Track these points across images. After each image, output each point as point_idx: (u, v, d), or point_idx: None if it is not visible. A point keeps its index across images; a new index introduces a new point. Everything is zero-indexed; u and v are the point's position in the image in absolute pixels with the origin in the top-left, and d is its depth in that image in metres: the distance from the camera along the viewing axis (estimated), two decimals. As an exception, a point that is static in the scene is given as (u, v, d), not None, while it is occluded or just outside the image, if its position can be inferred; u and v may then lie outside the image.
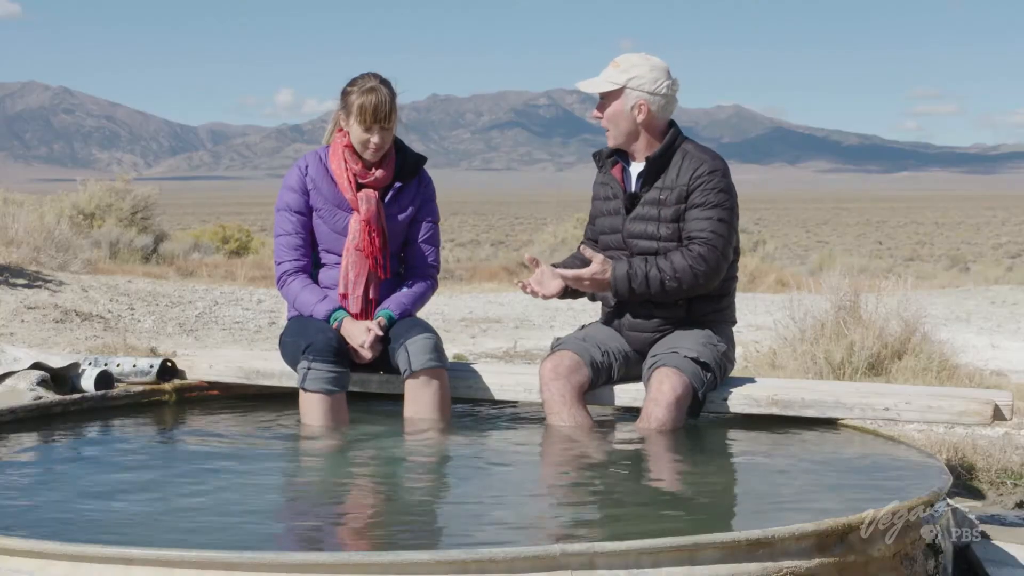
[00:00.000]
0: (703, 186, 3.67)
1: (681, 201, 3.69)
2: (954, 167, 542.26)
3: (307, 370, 3.71)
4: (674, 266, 3.63)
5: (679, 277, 3.63)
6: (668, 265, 3.63)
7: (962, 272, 26.75)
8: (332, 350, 3.71)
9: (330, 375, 3.70)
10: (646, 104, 3.73)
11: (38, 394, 3.96)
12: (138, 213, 18.75)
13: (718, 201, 3.68)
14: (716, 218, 3.66)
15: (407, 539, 2.59)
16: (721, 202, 3.68)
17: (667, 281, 3.63)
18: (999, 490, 4.12)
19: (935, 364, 6.17)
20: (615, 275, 3.66)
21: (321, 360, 3.69)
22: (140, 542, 2.27)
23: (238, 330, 9.39)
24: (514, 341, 8.93)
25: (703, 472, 3.27)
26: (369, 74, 3.86)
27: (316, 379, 3.70)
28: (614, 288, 3.69)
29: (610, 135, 3.81)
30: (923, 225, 61.57)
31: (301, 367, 3.73)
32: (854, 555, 2.36)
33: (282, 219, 3.93)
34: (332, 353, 3.71)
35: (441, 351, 3.80)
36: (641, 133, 3.77)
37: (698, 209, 3.67)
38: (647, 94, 3.73)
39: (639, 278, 3.64)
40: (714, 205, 3.67)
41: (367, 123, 3.80)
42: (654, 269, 3.64)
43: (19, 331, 7.95)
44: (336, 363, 3.71)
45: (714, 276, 3.68)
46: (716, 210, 3.67)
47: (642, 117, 3.74)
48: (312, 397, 3.71)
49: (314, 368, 3.70)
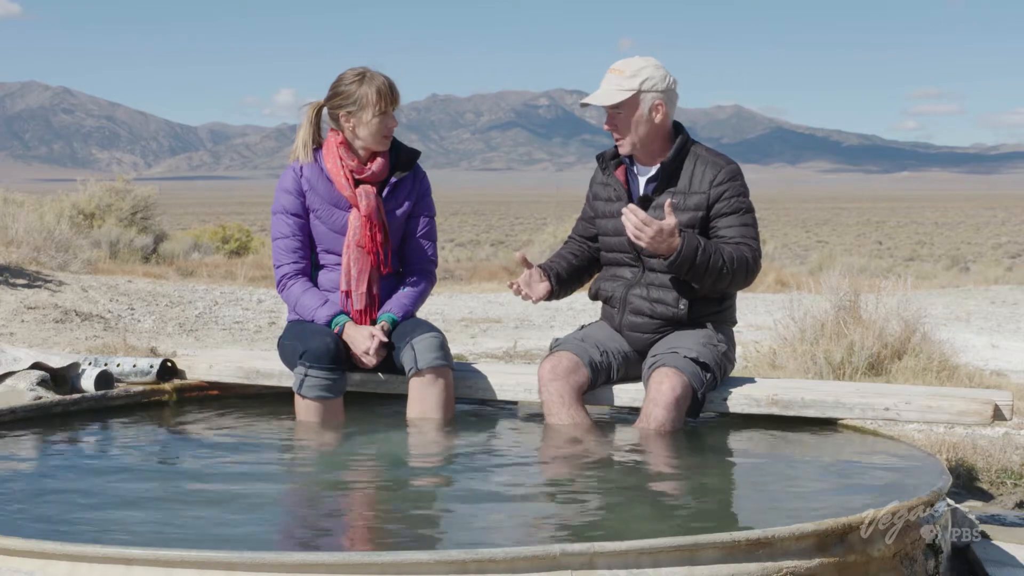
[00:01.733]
0: (728, 193, 3.70)
1: (700, 208, 3.69)
2: (954, 167, 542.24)
3: (304, 376, 3.70)
4: (733, 255, 3.64)
5: (735, 268, 3.63)
6: (730, 253, 3.63)
7: (962, 272, 26.76)
8: (329, 356, 3.70)
9: (326, 382, 3.70)
10: (662, 103, 3.72)
11: (38, 394, 3.96)
12: (138, 213, 18.76)
13: (746, 207, 3.73)
14: (749, 223, 3.72)
15: (407, 539, 2.59)
16: (748, 207, 3.74)
17: (725, 268, 3.61)
18: (999, 490, 4.12)
19: (935, 364, 6.17)
20: (687, 240, 3.56)
21: (318, 367, 3.69)
22: (140, 542, 2.27)
23: (238, 330, 9.39)
24: (514, 341, 8.93)
25: (703, 472, 3.27)
26: (346, 71, 3.86)
27: (312, 386, 3.70)
28: (679, 250, 3.55)
29: (626, 143, 3.76)
30: (923, 225, 61.57)
31: (298, 372, 3.72)
32: (854, 555, 2.36)
33: (279, 222, 3.92)
34: (329, 360, 3.70)
35: (447, 350, 3.80)
36: (657, 136, 3.77)
37: (732, 216, 3.70)
38: (661, 93, 3.71)
39: (707, 253, 3.57)
40: (745, 211, 3.72)
41: (384, 106, 3.79)
42: (718, 254, 3.60)
43: (19, 331, 7.95)
44: (332, 370, 3.71)
45: (755, 276, 3.74)
46: (747, 216, 3.73)
47: (660, 118, 3.73)
48: (308, 403, 3.71)
49: (311, 375, 3.69)
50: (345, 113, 3.84)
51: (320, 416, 3.71)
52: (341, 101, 3.83)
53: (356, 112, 3.82)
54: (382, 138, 3.85)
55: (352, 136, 3.87)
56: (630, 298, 3.81)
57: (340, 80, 3.84)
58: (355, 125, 3.84)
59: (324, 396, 3.70)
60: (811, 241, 45.88)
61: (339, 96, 3.83)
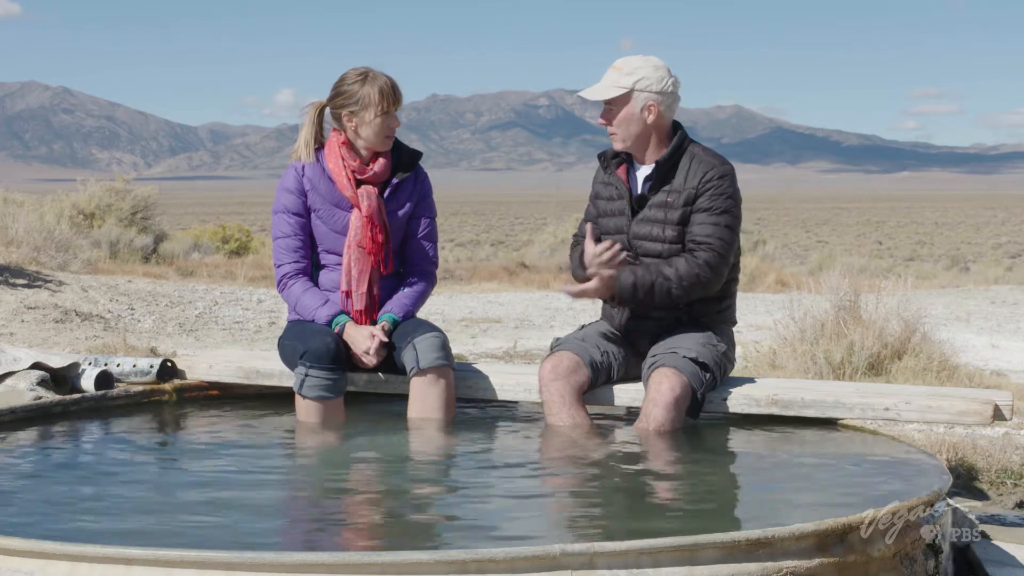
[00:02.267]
0: (712, 191, 3.67)
1: (688, 204, 3.69)
2: (954, 167, 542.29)
3: (304, 376, 3.70)
4: (679, 273, 3.63)
5: (684, 285, 3.63)
6: (673, 272, 3.64)
7: (962, 272, 26.75)
8: (330, 356, 3.70)
9: (327, 382, 3.70)
10: (655, 104, 3.72)
11: (38, 394, 3.96)
12: (138, 213, 18.76)
13: (726, 207, 3.68)
14: (723, 224, 3.67)
15: (407, 539, 2.59)
16: (729, 208, 3.69)
17: (673, 289, 3.64)
18: (999, 490, 4.12)
19: (935, 364, 6.17)
20: (620, 286, 3.65)
21: (319, 367, 3.69)
22: (140, 542, 2.27)
23: (238, 330, 9.39)
24: (514, 341, 8.93)
25: (703, 472, 3.26)
26: (349, 71, 3.86)
27: (313, 386, 3.70)
28: (619, 299, 3.70)
29: (618, 139, 3.78)
30: (923, 225, 61.56)
31: (298, 372, 3.72)
32: (854, 555, 2.36)
33: (280, 221, 3.92)
34: (330, 360, 3.70)
35: (448, 350, 3.80)
36: (651, 135, 3.77)
37: (705, 214, 3.67)
38: (655, 94, 3.72)
39: (644, 288, 3.64)
40: (722, 211, 3.67)
41: (387, 105, 3.79)
42: (660, 278, 3.63)
43: (19, 331, 7.95)
44: (333, 370, 3.71)
45: (717, 281, 3.69)
46: (724, 216, 3.68)
47: (652, 118, 3.73)
48: (309, 403, 3.72)
49: (311, 375, 3.69)
50: (348, 113, 3.84)
51: (320, 416, 3.72)
52: (344, 100, 3.83)
53: (359, 111, 3.82)
54: (384, 138, 3.85)
55: (354, 136, 3.87)
56: (630, 298, 3.81)
57: (343, 80, 3.85)
58: (357, 124, 3.84)
59: (324, 396, 3.70)
60: (811, 241, 45.88)
61: (342, 95, 3.84)
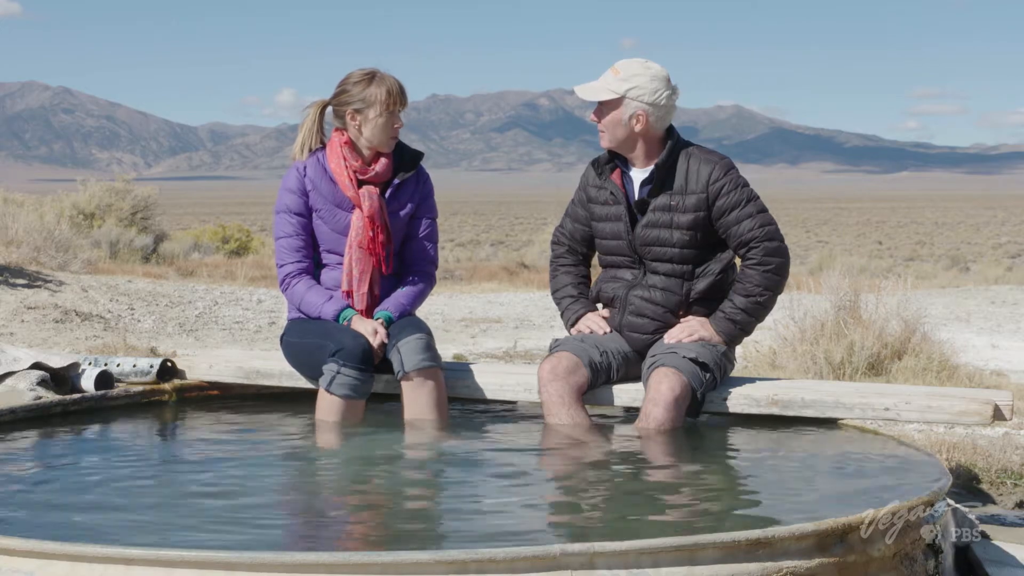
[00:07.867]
0: (725, 188, 3.69)
1: (700, 208, 3.69)
2: (954, 167, 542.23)
3: (336, 374, 3.69)
4: (756, 284, 3.70)
5: (769, 288, 3.71)
6: (752, 287, 3.70)
7: (962, 272, 26.75)
8: (361, 356, 3.70)
9: (356, 382, 3.69)
10: (644, 115, 3.71)
11: (38, 394, 3.96)
12: (138, 213, 18.77)
13: (747, 196, 3.72)
14: (756, 211, 3.72)
15: (407, 539, 2.59)
16: (749, 196, 3.73)
17: (761, 300, 3.72)
18: (999, 490, 4.12)
19: (935, 364, 6.17)
20: (724, 334, 3.73)
21: (351, 366, 3.68)
22: (140, 542, 2.27)
23: (238, 330, 9.39)
24: (514, 341, 8.93)
25: (703, 472, 3.27)
26: (354, 71, 3.86)
27: (343, 384, 3.69)
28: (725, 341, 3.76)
29: (605, 137, 3.80)
30: (923, 225, 61.55)
31: (328, 369, 3.70)
32: (854, 555, 2.36)
33: (282, 221, 3.92)
34: (361, 360, 3.70)
35: (434, 350, 3.79)
36: (638, 141, 3.77)
37: (734, 212, 3.70)
38: (646, 105, 3.71)
39: (741, 322, 3.73)
40: (747, 201, 3.71)
41: (392, 105, 3.80)
42: (744, 300, 3.71)
43: (19, 331, 7.96)
44: (363, 370, 3.70)
45: (787, 263, 3.76)
46: (750, 205, 3.72)
47: (640, 127, 3.73)
48: (335, 400, 3.70)
49: (343, 373, 3.68)
50: (352, 111, 3.84)
51: (341, 415, 3.70)
52: (348, 99, 3.83)
53: (363, 110, 3.82)
54: (388, 138, 3.85)
55: (357, 135, 3.86)
56: (630, 299, 3.81)
57: (348, 79, 3.85)
58: (361, 123, 3.84)
59: (351, 396, 3.70)
60: (811, 241, 45.86)
61: (346, 94, 3.84)
